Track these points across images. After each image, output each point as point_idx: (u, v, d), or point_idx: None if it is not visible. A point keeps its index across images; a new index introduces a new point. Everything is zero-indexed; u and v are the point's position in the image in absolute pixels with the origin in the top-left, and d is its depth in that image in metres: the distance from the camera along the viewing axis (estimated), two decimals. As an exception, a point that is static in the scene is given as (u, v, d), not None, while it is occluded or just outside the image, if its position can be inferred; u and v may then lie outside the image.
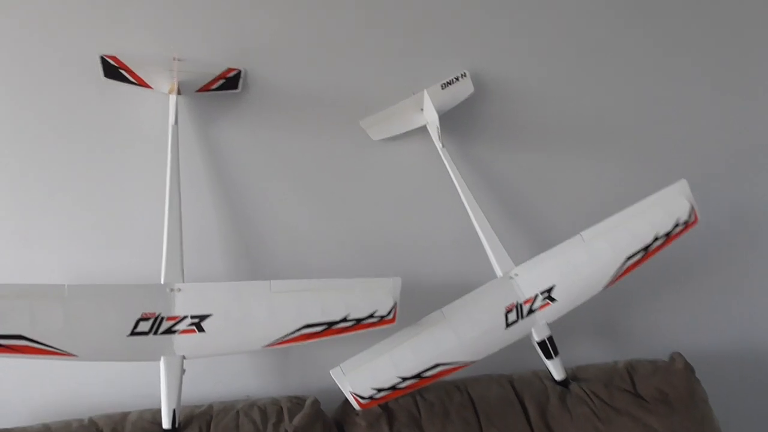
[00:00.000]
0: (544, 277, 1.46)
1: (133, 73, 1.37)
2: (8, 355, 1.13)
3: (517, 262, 1.48)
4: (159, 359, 1.24)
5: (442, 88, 1.56)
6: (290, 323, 1.29)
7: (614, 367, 1.51)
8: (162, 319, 1.25)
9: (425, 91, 1.49)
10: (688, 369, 1.47)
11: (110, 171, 1.42)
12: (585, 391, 1.44)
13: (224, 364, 1.46)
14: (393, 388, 1.34)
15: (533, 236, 1.63)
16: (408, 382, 1.35)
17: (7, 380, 1.38)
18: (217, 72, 1.43)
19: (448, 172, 1.52)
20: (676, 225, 1.46)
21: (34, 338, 1.15)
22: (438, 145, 1.53)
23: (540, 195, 1.66)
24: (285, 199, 1.53)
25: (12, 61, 1.37)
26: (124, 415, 1.30)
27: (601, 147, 1.69)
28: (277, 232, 1.52)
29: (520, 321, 1.43)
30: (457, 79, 1.57)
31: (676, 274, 1.73)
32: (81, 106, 1.40)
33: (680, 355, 1.51)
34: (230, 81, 1.45)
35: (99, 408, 1.37)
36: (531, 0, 1.63)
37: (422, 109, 1.56)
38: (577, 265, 1.45)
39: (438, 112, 1.51)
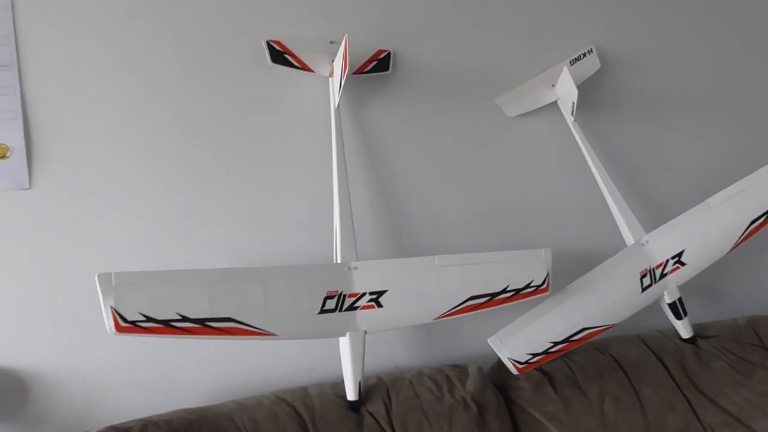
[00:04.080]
0: (674, 243, 1.54)
1: (297, 57, 1.40)
2: (220, 337, 1.18)
3: (644, 230, 1.56)
4: (345, 334, 1.30)
5: (571, 64, 1.61)
6: (457, 295, 1.36)
7: (736, 324, 1.62)
8: (345, 296, 1.30)
9: (565, 67, 1.53)
10: (810, 322, 1.59)
11: (277, 154, 1.44)
12: (716, 348, 1.55)
13: (374, 338, 1.52)
14: (545, 352, 1.42)
15: (656, 205, 1.71)
16: (558, 347, 1.43)
17: (181, 363, 1.42)
18: (370, 54, 1.46)
19: (578, 145, 1.59)
20: (798, 188, 1.56)
21: (242, 320, 1.19)
22: (569, 119, 1.58)
23: (661, 164, 1.75)
24: (430, 177, 1.58)
25: (183, 48, 1.39)
26: (304, 390, 1.35)
27: (719, 117, 1.78)
28: (424, 209, 1.57)
29: (653, 285, 1.53)
30: (584, 55, 1.63)
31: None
32: (249, 90, 1.41)
33: (798, 309, 1.63)
34: (381, 62, 1.48)
35: (264, 386, 1.41)
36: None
37: (553, 85, 1.62)
38: (705, 230, 1.54)
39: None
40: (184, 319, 1.15)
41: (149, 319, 1.12)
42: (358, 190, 1.50)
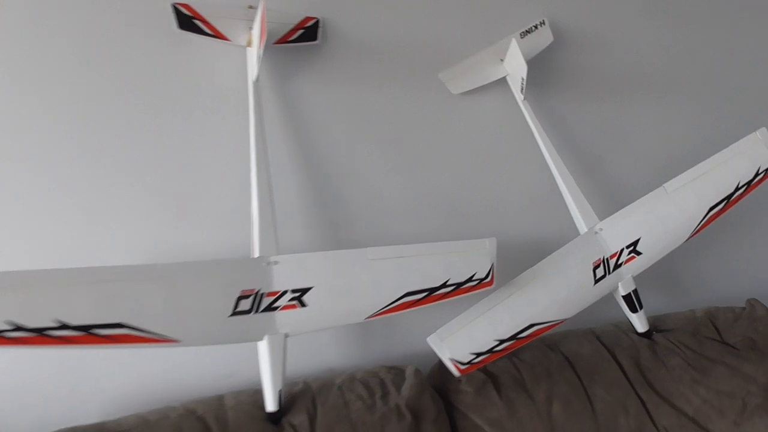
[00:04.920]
0: (629, 231, 1.44)
1: (209, 23, 1.22)
2: (108, 345, 1.01)
3: (598, 216, 1.45)
4: (262, 339, 1.15)
5: (522, 37, 1.48)
6: (392, 291, 1.22)
7: (694, 316, 1.52)
8: (262, 295, 1.15)
9: (513, 40, 1.40)
10: (768, 314, 1.50)
11: (185, 134, 1.28)
12: (672, 342, 1.44)
13: (304, 338, 1.38)
14: (490, 351, 1.30)
15: (613, 190, 1.60)
16: (505, 345, 1.31)
17: (82, 371, 1.26)
18: (295, 21, 1.30)
19: (528, 125, 1.46)
20: (757, 173, 1.46)
21: (136, 325, 1.03)
22: (519, 97, 1.45)
23: (617, 147, 1.63)
24: (366, 160, 1.43)
25: (74, 15, 1.20)
26: (219, 399, 1.20)
27: (678, 97, 1.67)
28: (359, 193, 1.43)
29: (607, 276, 1.42)
30: (536, 27, 1.49)
31: (743, 221, 1.75)
32: (152, 63, 1.24)
33: (757, 301, 1.54)
34: (308, 31, 1.32)
35: (178, 396, 1.27)
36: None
37: (502, 60, 1.48)
38: (663, 217, 1.43)
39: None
40: (64, 326, 0.97)
41: (19, 328, 0.94)
42: (284, 176, 1.35)
